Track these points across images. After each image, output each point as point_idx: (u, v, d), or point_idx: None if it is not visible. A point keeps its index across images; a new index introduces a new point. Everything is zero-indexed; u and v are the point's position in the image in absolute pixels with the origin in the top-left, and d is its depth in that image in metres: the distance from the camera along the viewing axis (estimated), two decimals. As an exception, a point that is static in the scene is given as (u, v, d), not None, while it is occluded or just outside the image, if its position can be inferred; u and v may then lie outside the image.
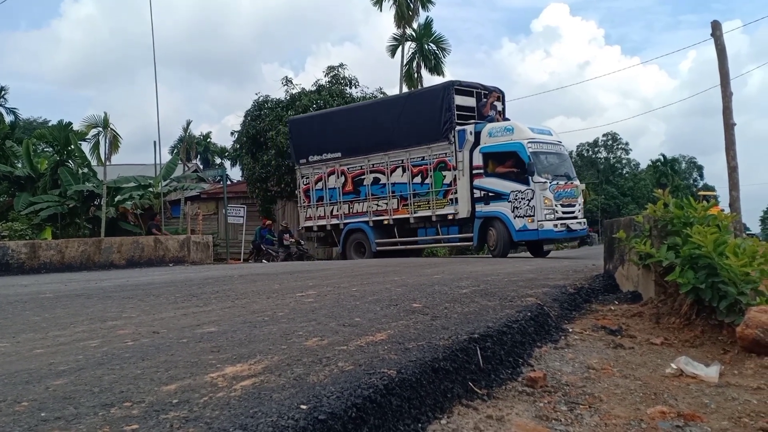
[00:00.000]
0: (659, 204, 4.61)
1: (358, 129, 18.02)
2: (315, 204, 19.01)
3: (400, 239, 17.34)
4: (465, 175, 15.63)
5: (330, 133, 18.71)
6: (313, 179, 19.00)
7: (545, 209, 14.34)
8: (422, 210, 16.56)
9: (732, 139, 9.98)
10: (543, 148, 15.05)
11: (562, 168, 15.53)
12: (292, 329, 3.61)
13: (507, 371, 3.11)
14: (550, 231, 14.47)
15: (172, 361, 2.85)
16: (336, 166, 18.46)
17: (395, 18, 35.33)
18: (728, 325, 3.71)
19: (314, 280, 7.46)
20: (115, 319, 4.49)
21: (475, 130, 15.57)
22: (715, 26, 10.35)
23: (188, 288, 6.82)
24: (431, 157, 16.31)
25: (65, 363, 2.92)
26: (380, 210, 17.54)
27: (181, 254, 15.82)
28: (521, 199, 14.66)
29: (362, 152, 17.76)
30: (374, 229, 17.64)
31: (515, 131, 15.06)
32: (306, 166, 19.15)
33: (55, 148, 24.09)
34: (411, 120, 16.76)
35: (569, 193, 14.99)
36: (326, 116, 20.22)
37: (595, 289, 5.36)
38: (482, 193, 15.41)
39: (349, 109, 20.92)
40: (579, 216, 15.35)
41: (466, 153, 15.65)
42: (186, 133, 54.64)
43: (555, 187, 14.60)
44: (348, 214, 18.31)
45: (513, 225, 14.76)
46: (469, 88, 16.75)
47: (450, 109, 15.86)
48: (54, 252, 14.47)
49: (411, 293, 5.29)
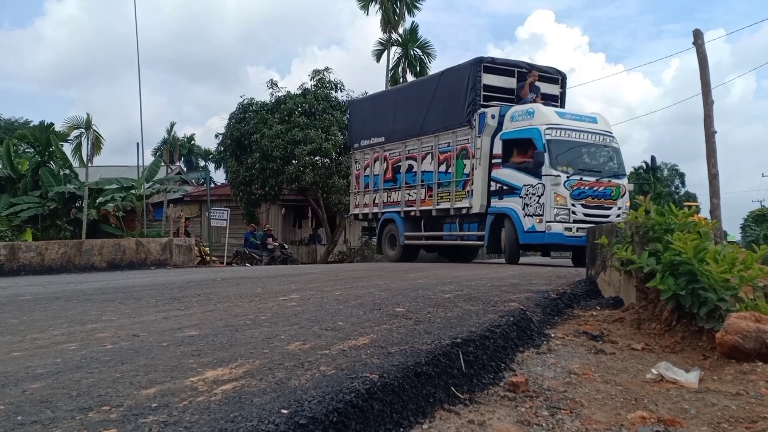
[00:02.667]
0: (641, 210, 4.64)
1: (398, 112, 16.48)
2: (363, 191, 17.66)
3: (425, 233, 15.65)
4: (482, 164, 13.62)
5: (377, 116, 17.42)
6: (363, 165, 17.69)
7: (556, 208, 12.16)
8: (444, 202, 14.73)
9: (713, 147, 10.12)
10: (570, 137, 12.68)
11: (596, 162, 13.14)
12: (275, 333, 3.59)
13: (489, 376, 3.12)
14: (558, 235, 12.22)
15: (151, 365, 2.82)
16: (380, 151, 16.94)
17: (381, 22, 35.43)
18: (708, 331, 3.75)
19: (298, 283, 7.42)
20: (94, 322, 4.44)
21: (500, 113, 13.55)
22: (696, 35, 10.50)
23: (170, 291, 6.76)
24: (456, 143, 14.40)
25: (43, 366, 2.88)
26: (410, 200, 15.84)
27: (163, 257, 15.68)
28: (532, 195, 12.58)
29: (400, 137, 16.24)
30: (405, 220, 15.99)
31: (536, 115, 12.91)
32: (358, 150, 17.89)
33: (36, 149, 23.83)
34: (442, 102, 14.96)
35: (601, 193, 12.51)
36: (377, 98, 19.13)
37: (577, 294, 5.39)
38: (497, 186, 13.39)
39: (395, 90, 19.70)
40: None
41: (486, 139, 13.63)
42: (170, 135, 54.31)
43: (576, 182, 12.27)
44: (386, 203, 16.75)
45: (522, 224, 12.68)
46: (506, 66, 14.54)
47: (475, 89, 13.85)
48: (34, 254, 14.28)
49: (394, 297, 5.28)
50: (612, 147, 13.35)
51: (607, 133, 13.34)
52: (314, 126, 22.77)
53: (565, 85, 15.21)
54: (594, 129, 13.14)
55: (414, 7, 36.33)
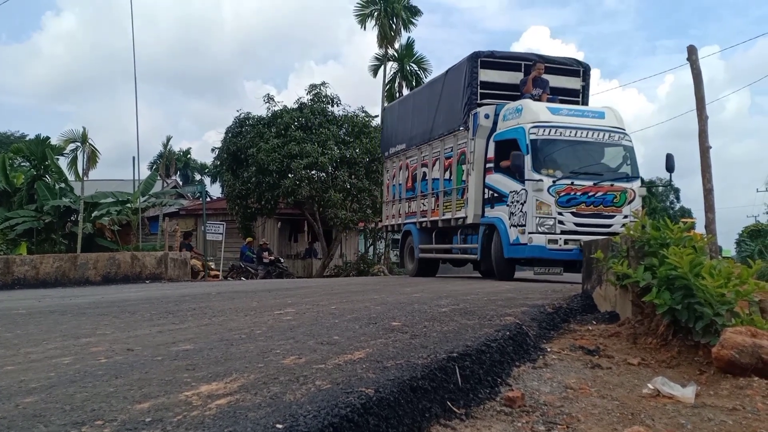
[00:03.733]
0: (636, 225, 4.66)
1: (415, 116, 15.34)
2: (391, 200, 16.70)
3: (435, 246, 14.39)
4: (476, 169, 12.27)
5: (401, 121, 16.33)
6: (391, 173, 16.80)
7: (538, 216, 10.72)
8: (448, 211, 13.41)
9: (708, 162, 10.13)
10: (563, 135, 11.20)
11: (598, 163, 11.50)
12: (270, 347, 3.58)
13: (485, 390, 3.11)
14: (539, 248, 10.72)
15: (146, 379, 2.80)
16: (403, 159, 15.82)
17: (378, 38, 35.73)
18: (704, 345, 3.75)
19: (293, 297, 7.41)
20: (88, 336, 4.41)
21: (496, 112, 12.21)
22: (691, 51, 10.55)
23: (164, 305, 6.73)
24: (457, 147, 13.09)
25: (36, 380, 2.85)
26: (423, 210, 14.63)
27: (158, 271, 15.62)
28: (516, 203, 11.19)
29: (416, 142, 15.04)
30: (420, 232, 14.80)
31: (523, 112, 11.48)
32: (388, 159, 16.99)
33: (32, 163, 23.80)
34: (446, 102, 13.75)
35: (600, 199, 10.87)
36: (402, 102, 18.28)
37: (573, 309, 5.39)
38: (490, 194, 12.01)
39: (414, 92, 18.83)
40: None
41: (480, 142, 12.24)
42: (166, 149, 54.28)
43: (564, 188, 10.75)
44: (407, 213, 15.60)
45: (508, 236, 11.28)
46: (510, 60, 13.13)
47: (471, 87, 12.60)
48: (28, 267, 14.22)
49: (390, 311, 5.27)
50: (622, 145, 11.62)
51: (616, 129, 11.64)
52: (310, 140, 22.82)
53: (587, 77, 13.51)
54: (599, 125, 11.52)
55: (410, 23, 36.70)
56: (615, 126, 11.69)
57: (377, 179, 23.80)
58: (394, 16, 35.39)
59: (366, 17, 36.01)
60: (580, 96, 13.29)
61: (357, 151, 23.52)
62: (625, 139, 11.64)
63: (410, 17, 36.47)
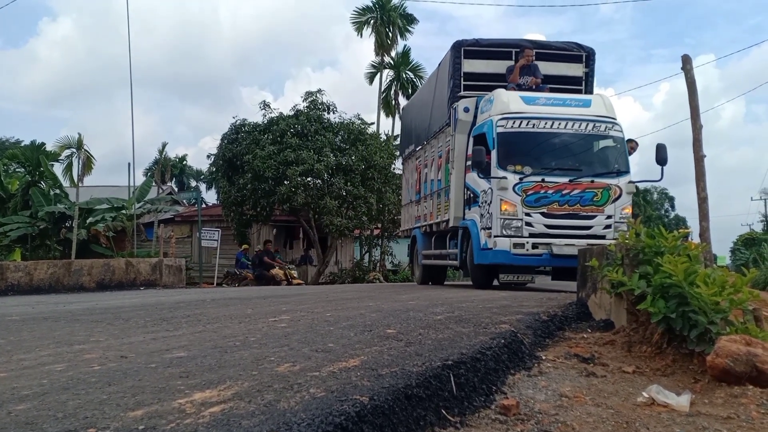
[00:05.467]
0: (631, 233, 4.66)
1: (420, 113, 14.60)
2: (405, 204, 16.05)
3: (433, 251, 13.45)
4: (456, 167, 11.40)
5: (414, 120, 15.47)
6: (406, 176, 16.19)
7: (501, 218, 9.73)
8: (439, 214, 12.56)
9: (702, 171, 10.18)
10: (537, 127, 10.14)
11: (578, 157, 10.35)
12: (264, 354, 3.56)
13: (480, 398, 3.10)
14: (503, 253, 9.73)
15: (139, 387, 2.78)
16: (414, 159, 15.10)
17: (375, 46, 35.91)
18: (699, 354, 3.75)
19: (288, 304, 7.39)
20: (82, 343, 4.39)
21: (476, 105, 11.28)
22: (685, 60, 10.61)
23: (159, 312, 6.71)
24: (445, 145, 12.26)
25: (29, 387, 2.84)
26: (425, 213, 13.81)
27: (152, 277, 15.58)
28: (485, 203, 10.19)
29: (422, 141, 14.23)
30: (423, 236, 14.00)
31: (494, 103, 10.50)
32: (405, 160, 16.28)
33: (27, 169, 23.75)
34: (438, 98, 12.93)
35: (576, 197, 9.81)
36: (414, 99, 17.41)
37: (568, 316, 5.39)
38: (468, 194, 11.05)
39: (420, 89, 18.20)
40: (607, 235, 9.64)
41: (460, 137, 11.35)
42: (161, 155, 54.27)
43: (533, 185, 9.76)
44: (415, 217, 14.80)
45: (478, 241, 10.30)
46: (497, 47, 12.02)
47: (453, 79, 11.73)
48: (22, 274, 14.17)
49: (385, 319, 5.26)
50: (610, 136, 10.41)
51: (604, 118, 10.45)
52: (306, 147, 22.82)
53: (591, 63, 12.31)
54: (583, 115, 10.38)
55: (406, 30, 36.98)
56: (602, 115, 10.52)
57: (373, 186, 23.83)
58: (391, 24, 35.61)
59: (363, 25, 36.26)
60: (583, 83, 12.19)
61: (353, 159, 23.53)
62: (614, 129, 10.40)
63: (406, 25, 36.72)
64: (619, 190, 9.98)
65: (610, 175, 10.17)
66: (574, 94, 11.35)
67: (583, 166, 10.26)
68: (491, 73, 11.83)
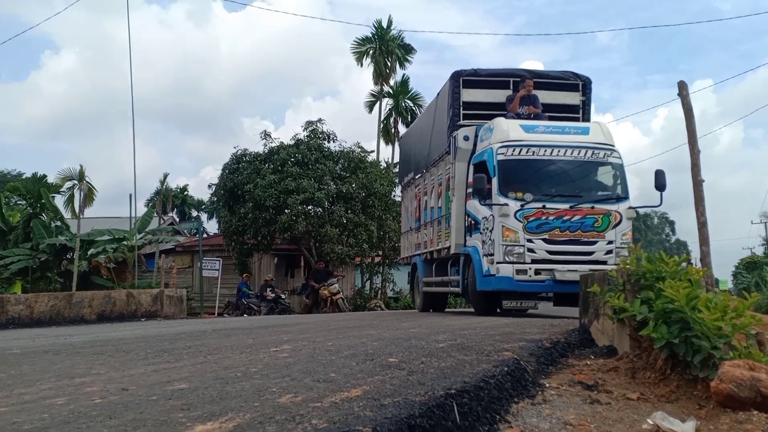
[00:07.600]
0: (632, 258, 4.67)
1: (420, 141, 14.82)
2: (405, 232, 16.24)
3: (434, 279, 13.52)
4: (457, 195, 11.58)
5: (412, 148, 15.73)
6: (405, 204, 16.44)
7: (504, 245, 9.87)
8: (440, 241, 12.66)
9: (701, 195, 10.18)
10: (537, 154, 10.33)
11: (577, 184, 10.50)
12: (266, 385, 3.55)
13: (484, 428, 3.07)
14: (506, 279, 9.84)
15: (140, 419, 2.77)
16: (413, 187, 15.30)
17: (374, 75, 36.29)
18: (703, 379, 3.73)
19: (289, 334, 7.36)
20: (83, 376, 4.37)
21: (476, 133, 11.51)
22: (681, 86, 10.68)
23: (160, 343, 6.68)
24: (445, 173, 12.44)
25: (29, 422, 2.82)
26: (425, 241, 13.94)
27: (153, 308, 15.54)
28: (486, 230, 10.34)
29: (421, 169, 14.48)
30: (424, 264, 14.14)
31: (494, 131, 10.72)
32: (404, 188, 16.56)
33: (28, 201, 23.86)
34: (437, 126, 13.17)
35: (577, 223, 9.94)
36: (412, 128, 17.80)
37: (571, 343, 5.36)
38: (469, 221, 11.19)
39: (419, 117, 18.43)
40: (608, 260, 9.70)
41: (460, 165, 11.56)
42: (163, 186, 54.43)
43: (534, 212, 9.92)
44: (415, 244, 14.90)
45: (481, 267, 10.39)
46: (496, 77, 12.26)
47: (453, 108, 11.96)
48: (23, 306, 14.14)
49: (387, 347, 5.24)
50: (609, 163, 10.61)
51: (602, 146, 10.64)
52: (307, 176, 22.95)
53: (588, 91, 12.57)
54: (581, 142, 10.59)
55: (405, 60, 37.45)
56: (600, 142, 10.71)
57: (373, 214, 23.90)
58: (389, 54, 36.07)
59: (363, 55, 36.67)
60: (581, 111, 12.40)
61: (353, 186, 23.64)
62: (613, 155, 10.60)
63: (405, 55, 37.19)
64: (619, 215, 10.12)
65: (610, 200, 10.33)
66: (573, 122, 11.58)
67: (583, 193, 10.40)
68: (490, 102, 12.06)
